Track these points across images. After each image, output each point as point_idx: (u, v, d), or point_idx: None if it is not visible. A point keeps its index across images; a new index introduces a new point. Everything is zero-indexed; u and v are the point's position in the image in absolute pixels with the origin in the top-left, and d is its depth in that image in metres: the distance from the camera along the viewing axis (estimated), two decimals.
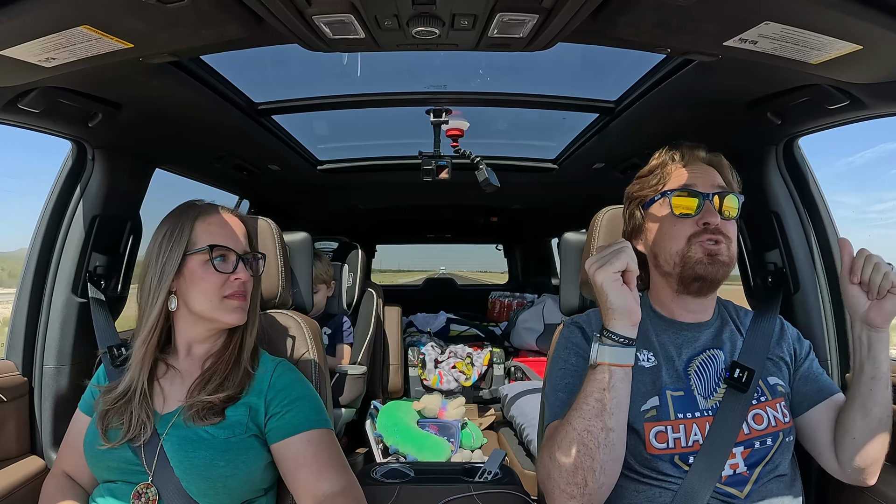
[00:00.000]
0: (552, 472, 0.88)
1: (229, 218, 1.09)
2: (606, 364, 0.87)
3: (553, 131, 2.24)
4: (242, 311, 1.06)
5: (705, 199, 1.00)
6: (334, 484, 0.98)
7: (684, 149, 1.07)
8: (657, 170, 1.08)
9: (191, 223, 1.04)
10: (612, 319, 0.88)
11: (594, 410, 0.86)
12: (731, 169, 1.09)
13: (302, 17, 0.89)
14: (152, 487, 0.95)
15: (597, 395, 0.86)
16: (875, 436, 0.96)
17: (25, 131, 1.29)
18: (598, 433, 0.85)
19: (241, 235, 1.09)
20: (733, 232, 1.02)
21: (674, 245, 1.02)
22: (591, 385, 0.87)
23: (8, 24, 0.81)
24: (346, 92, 1.73)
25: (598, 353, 0.88)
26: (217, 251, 1.03)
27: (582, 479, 0.85)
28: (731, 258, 1.00)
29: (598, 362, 0.88)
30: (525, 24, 0.93)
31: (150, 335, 1.03)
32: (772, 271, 1.46)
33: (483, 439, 2.70)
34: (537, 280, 4.74)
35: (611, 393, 0.86)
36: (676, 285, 1.03)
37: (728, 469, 0.94)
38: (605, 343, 0.88)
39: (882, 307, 0.93)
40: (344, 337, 2.40)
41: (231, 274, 1.04)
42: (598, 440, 0.85)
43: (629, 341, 0.88)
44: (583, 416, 0.86)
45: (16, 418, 1.34)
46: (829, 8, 0.80)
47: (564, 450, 0.86)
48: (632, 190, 1.13)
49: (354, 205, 3.39)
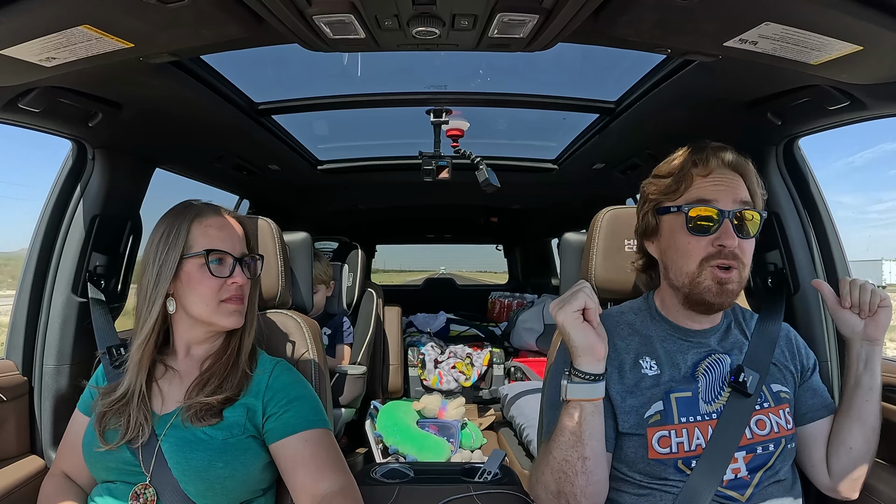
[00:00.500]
0: (539, 493, 0.95)
1: (227, 219, 1.08)
2: (577, 400, 0.90)
3: (553, 131, 2.24)
4: (239, 314, 1.05)
5: (724, 217, 0.95)
6: (332, 484, 0.98)
7: (709, 152, 0.98)
8: (677, 173, 1.00)
9: (187, 225, 1.03)
10: (577, 357, 0.91)
11: (569, 442, 0.90)
12: (758, 177, 1.02)
13: (302, 16, 0.89)
14: (150, 488, 0.95)
15: (571, 429, 0.90)
16: (869, 444, 1.00)
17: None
18: (574, 462, 0.90)
19: (238, 237, 1.07)
20: (749, 252, 0.98)
21: (685, 265, 0.98)
22: (564, 420, 0.92)
23: (8, 23, 0.81)
24: (346, 92, 1.73)
25: (568, 391, 0.91)
26: (213, 255, 1.02)
27: (566, 502, 0.91)
28: (742, 283, 0.98)
29: (567, 399, 0.91)
30: (525, 24, 0.93)
31: (147, 338, 1.02)
32: (772, 272, 1.46)
33: (483, 439, 2.70)
34: (537, 280, 4.73)
35: (583, 426, 0.90)
36: (683, 301, 1.02)
37: (729, 473, 0.94)
38: (573, 381, 0.91)
39: (877, 321, 0.99)
40: (344, 337, 2.40)
41: (228, 278, 1.03)
42: (575, 468, 0.90)
43: (596, 377, 0.91)
44: (560, 447, 0.91)
45: (15, 418, 1.34)
46: (829, 8, 0.80)
47: (547, 476, 0.92)
48: (648, 190, 1.06)
49: (354, 205, 3.39)
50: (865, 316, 1.00)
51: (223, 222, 1.06)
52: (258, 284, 1.15)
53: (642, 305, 1.11)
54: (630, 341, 1.04)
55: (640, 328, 1.06)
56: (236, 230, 1.08)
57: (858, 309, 1.00)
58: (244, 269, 1.06)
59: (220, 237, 1.04)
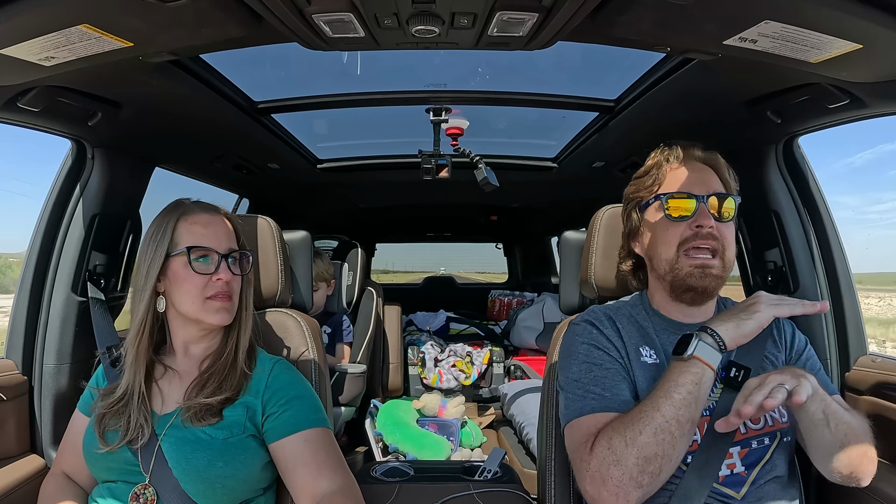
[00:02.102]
0: (625, 458, 0.84)
1: (213, 216, 1.07)
2: (701, 360, 0.89)
3: (553, 130, 2.24)
4: (226, 311, 1.04)
5: (700, 202, 0.99)
6: (332, 483, 0.98)
7: (680, 149, 1.05)
8: (652, 170, 1.07)
9: (174, 223, 1.03)
10: (729, 323, 0.92)
11: (685, 401, 0.86)
12: (729, 168, 1.07)
13: (302, 15, 0.89)
14: (150, 488, 0.95)
15: (689, 388, 0.87)
16: (845, 448, 0.90)
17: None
18: (684, 423, 0.86)
19: (224, 234, 1.06)
20: (730, 235, 1.01)
21: (664, 251, 1.01)
22: (684, 376, 0.88)
23: (8, 22, 0.81)
24: (345, 91, 1.73)
25: (698, 348, 0.89)
26: (197, 252, 1.02)
27: (657, 467, 0.84)
28: (726, 267, 0.99)
29: (695, 356, 0.89)
30: (525, 22, 0.92)
31: (138, 336, 1.02)
32: (771, 270, 1.46)
33: (483, 438, 2.70)
34: (537, 279, 4.73)
35: (701, 388, 0.88)
36: (671, 291, 1.03)
37: (725, 469, 0.94)
38: (705, 340, 0.90)
39: (798, 393, 0.81)
40: (344, 336, 2.40)
41: (212, 275, 1.02)
42: (683, 429, 0.86)
43: (724, 349, 0.91)
44: (673, 405, 0.86)
45: (16, 417, 1.34)
46: (828, 7, 0.80)
47: (647, 436, 0.84)
48: (628, 191, 1.13)
49: (354, 204, 3.39)
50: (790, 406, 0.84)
51: (208, 219, 1.06)
52: (251, 282, 1.13)
53: (637, 301, 1.12)
54: (630, 331, 1.05)
55: (638, 320, 1.07)
56: (223, 226, 1.07)
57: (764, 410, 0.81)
58: (231, 266, 1.05)
59: (205, 234, 1.03)
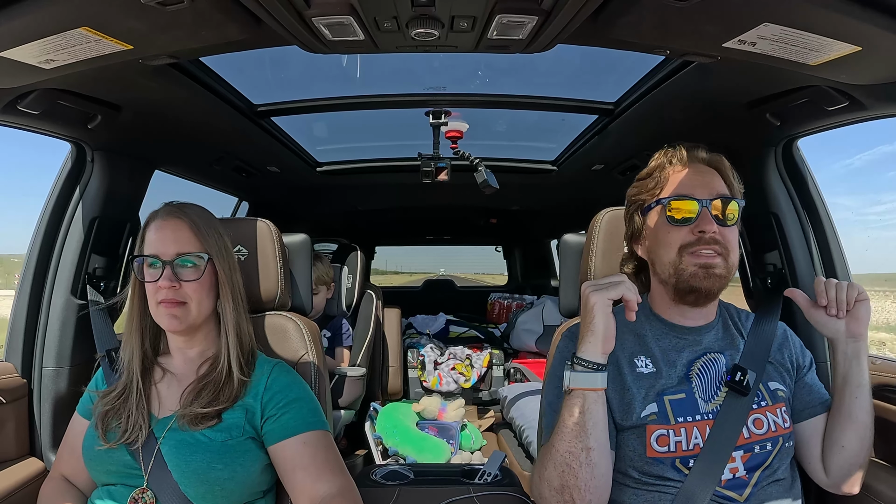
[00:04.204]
0: (542, 491, 0.93)
1: (166, 221, 1.04)
2: (580, 389, 0.91)
3: (552, 133, 2.24)
4: (174, 318, 1.02)
5: (702, 206, 0.98)
6: (331, 486, 0.98)
7: (683, 150, 1.05)
8: (655, 173, 1.06)
9: (143, 230, 1.06)
10: (586, 343, 0.92)
11: (573, 433, 0.90)
12: (733, 171, 1.06)
13: (301, 18, 0.89)
14: (148, 492, 0.95)
15: (574, 419, 0.90)
16: (862, 442, 0.99)
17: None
18: (578, 453, 0.89)
19: (172, 240, 1.03)
20: (733, 239, 1.00)
21: (666, 254, 1.01)
22: (567, 409, 0.92)
23: (7, 25, 0.81)
24: (345, 94, 1.73)
25: (571, 380, 0.92)
26: (145, 259, 1.03)
27: (569, 496, 0.89)
28: (730, 269, 0.99)
29: (571, 388, 0.92)
30: (524, 25, 0.93)
31: (130, 334, 1.06)
32: (771, 272, 1.46)
33: (483, 441, 2.70)
34: (537, 281, 4.73)
35: (586, 416, 0.90)
36: (673, 294, 1.03)
37: (727, 473, 0.94)
38: (576, 370, 0.92)
39: (857, 316, 0.99)
40: (343, 340, 2.39)
41: (156, 282, 1.02)
42: (579, 460, 0.89)
43: (599, 366, 0.92)
44: (563, 439, 0.90)
45: (15, 420, 1.34)
46: (828, 9, 0.80)
47: (550, 470, 0.91)
48: (631, 193, 1.12)
49: (354, 206, 3.39)
50: (844, 314, 0.98)
51: (160, 225, 1.05)
52: (228, 284, 1.07)
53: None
54: (625, 340, 1.04)
55: (634, 327, 1.06)
56: (177, 232, 1.04)
57: (836, 308, 0.98)
58: (178, 271, 1.02)
59: (151, 241, 1.04)
